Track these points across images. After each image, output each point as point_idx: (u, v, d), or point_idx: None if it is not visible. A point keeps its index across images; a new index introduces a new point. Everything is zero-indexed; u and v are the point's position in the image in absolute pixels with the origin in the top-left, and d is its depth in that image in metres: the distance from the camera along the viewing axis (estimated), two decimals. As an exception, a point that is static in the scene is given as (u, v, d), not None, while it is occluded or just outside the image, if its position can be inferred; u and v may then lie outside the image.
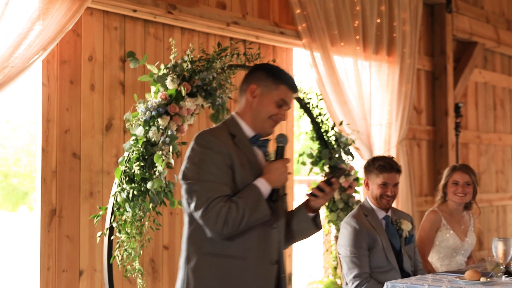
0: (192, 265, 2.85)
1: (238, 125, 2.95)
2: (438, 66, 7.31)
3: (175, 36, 4.96)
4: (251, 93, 2.94)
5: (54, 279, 4.34)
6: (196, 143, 2.84)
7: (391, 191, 4.24)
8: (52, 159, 4.37)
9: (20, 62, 3.94)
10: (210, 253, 2.83)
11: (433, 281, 3.80)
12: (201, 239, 2.83)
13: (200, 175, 2.78)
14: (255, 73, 2.97)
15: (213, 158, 2.78)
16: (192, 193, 2.79)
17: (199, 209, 2.75)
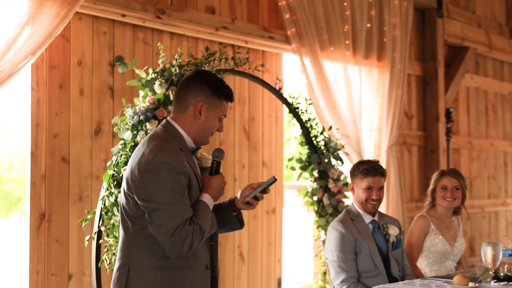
0: (142, 278, 2.84)
1: (182, 137, 2.98)
2: (429, 71, 7.33)
3: (164, 40, 4.97)
4: (198, 110, 2.95)
5: (43, 283, 4.34)
6: (162, 165, 2.79)
7: (376, 194, 4.25)
8: (41, 164, 4.37)
9: (9, 67, 3.94)
10: (159, 266, 2.85)
11: (421, 286, 3.81)
12: (151, 253, 2.85)
13: (164, 197, 2.78)
14: (201, 88, 2.96)
15: (175, 179, 2.79)
16: (156, 214, 2.77)
17: (164, 232, 2.76)
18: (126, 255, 2.89)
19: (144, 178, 2.80)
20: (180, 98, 2.98)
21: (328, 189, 5.39)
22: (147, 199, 2.78)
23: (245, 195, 3.07)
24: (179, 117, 2.98)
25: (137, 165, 2.84)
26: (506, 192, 8.57)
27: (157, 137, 2.92)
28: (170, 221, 2.76)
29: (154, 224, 2.77)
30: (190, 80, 2.99)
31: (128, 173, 2.89)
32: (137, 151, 2.92)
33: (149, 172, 2.79)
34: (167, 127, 2.98)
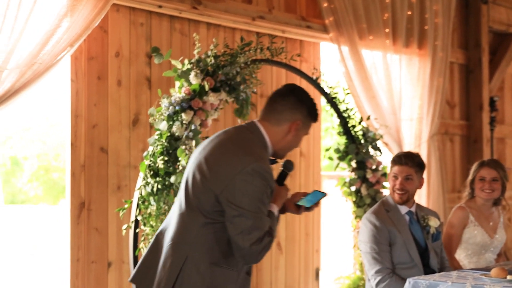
0: (200, 271, 2.85)
1: (267, 148, 2.96)
2: (472, 59, 7.19)
3: (200, 31, 4.99)
4: (294, 128, 2.94)
5: (83, 270, 4.42)
6: (257, 174, 2.79)
7: (400, 183, 4.21)
8: (81, 154, 4.45)
9: (48, 59, 4.01)
10: (216, 264, 2.86)
11: (458, 278, 3.75)
12: (211, 249, 2.86)
13: (252, 206, 2.78)
14: (301, 107, 2.95)
15: (265, 191, 2.81)
16: (241, 220, 2.78)
17: (246, 239, 2.78)
18: (187, 244, 2.86)
19: (236, 181, 2.78)
20: (276, 111, 2.95)
21: (366, 179, 5.36)
22: (235, 203, 2.78)
23: (295, 201, 3.08)
24: (270, 128, 2.95)
25: (228, 164, 2.82)
26: (553, 182, 8.37)
27: (252, 142, 2.91)
28: (254, 230, 2.78)
29: (236, 228, 2.78)
30: (289, 95, 2.96)
31: (212, 165, 2.85)
32: (222, 147, 2.89)
33: (242, 178, 2.78)
34: (257, 133, 2.95)
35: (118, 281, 4.55)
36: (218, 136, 2.98)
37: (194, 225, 2.87)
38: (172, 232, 2.91)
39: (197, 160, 2.92)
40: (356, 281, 5.41)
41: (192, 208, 2.87)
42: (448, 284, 3.64)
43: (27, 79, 3.93)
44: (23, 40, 3.89)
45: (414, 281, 3.73)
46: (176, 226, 2.91)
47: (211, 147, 2.92)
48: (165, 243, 2.93)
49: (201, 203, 2.85)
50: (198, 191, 2.86)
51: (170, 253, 2.88)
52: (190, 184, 2.89)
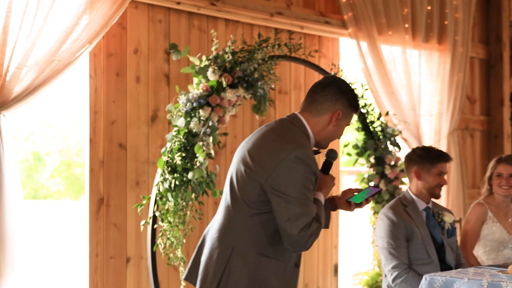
0: (247, 261, 2.86)
1: (310, 138, 2.98)
2: (493, 53, 7.13)
3: (219, 27, 5.00)
4: (335, 118, 2.97)
5: (102, 266, 4.46)
6: (300, 161, 2.81)
7: (445, 180, 4.25)
8: (100, 150, 4.48)
9: (67, 56, 4.05)
10: (262, 254, 2.87)
11: (474, 274, 3.73)
12: (258, 239, 2.87)
13: (298, 193, 2.80)
14: (342, 97, 2.97)
15: (309, 177, 2.82)
16: (288, 207, 2.79)
17: (294, 226, 2.78)
18: (233, 235, 2.88)
19: (280, 169, 2.81)
20: (317, 102, 2.97)
21: (384, 175, 5.34)
22: (280, 190, 2.80)
23: (347, 198, 3.10)
24: (311, 119, 2.97)
25: (271, 153, 2.85)
26: None
27: (294, 132, 2.93)
28: (301, 216, 2.79)
29: (284, 216, 2.79)
30: (330, 86, 2.98)
31: (256, 156, 2.88)
32: (264, 139, 2.92)
33: (286, 165, 2.81)
34: (299, 124, 2.97)
35: (136, 277, 4.59)
36: (260, 129, 3.01)
37: (239, 216, 2.89)
38: (218, 225, 2.94)
39: (241, 154, 2.95)
40: (375, 277, 5.40)
41: (237, 200, 2.90)
42: (464, 280, 3.62)
43: (46, 76, 3.96)
44: (42, 37, 3.93)
45: (430, 277, 3.71)
46: (222, 219, 2.94)
47: (254, 140, 2.95)
48: (211, 236, 2.96)
49: (246, 194, 2.87)
50: (243, 182, 2.88)
51: (216, 245, 2.91)
52: (235, 177, 2.92)
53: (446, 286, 3.66)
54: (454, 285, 3.64)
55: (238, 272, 2.85)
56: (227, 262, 2.87)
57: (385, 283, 4.22)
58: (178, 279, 4.70)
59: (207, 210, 4.89)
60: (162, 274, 4.60)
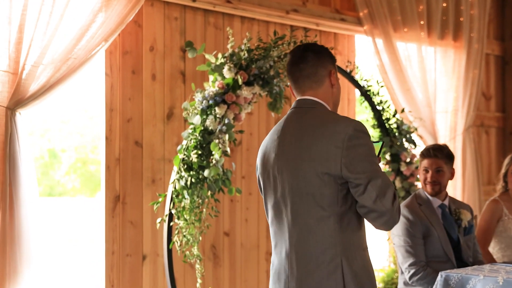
0: (357, 261, 2.68)
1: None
2: (509, 50, 7.09)
3: (234, 25, 5.01)
4: (333, 77, 2.82)
5: (118, 263, 4.48)
6: (360, 132, 2.64)
7: (431, 176, 4.20)
8: (116, 147, 4.50)
9: (82, 54, 4.06)
10: (364, 248, 2.73)
11: (490, 271, 3.73)
12: (357, 236, 2.70)
13: (374, 166, 2.64)
14: (324, 56, 2.82)
15: (372, 146, 2.68)
16: (372, 184, 2.60)
17: (385, 201, 2.61)
18: (334, 245, 2.65)
19: (350, 151, 2.60)
20: (311, 75, 2.79)
21: (400, 172, 5.33)
22: (357, 172, 2.60)
23: None
24: (317, 93, 2.80)
25: (329, 142, 2.62)
26: None
27: (324, 112, 2.75)
28: (386, 188, 2.62)
29: (371, 196, 2.60)
30: (307, 54, 2.80)
31: (315, 155, 2.65)
32: (307, 136, 2.68)
33: (351, 144, 2.61)
34: (318, 104, 2.78)
35: (152, 274, 4.61)
36: (286, 133, 2.77)
37: (329, 227, 2.66)
38: (306, 251, 2.69)
39: (290, 167, 2.71)
40: (390, 274, 5.39)
41: (317, 213, 2.66)
42: (480, 277, 3.61)
43: (62, 74, 3.98)
44: (58, 35, 3.94)
45: (446, 274, 3.71)
46: (306, 243, 2.69)
47: (297, 145, 2.71)
48: (305, 267, 2.69)
49: (326, 200, 2.65)
50: (316, 190, 2.65)
51: (322, 269, 2.66)
52: (306, 192, 2.67)
53: (462, 283, 3.66)
54: (469, 282, 3.64)
55: (358, 278, 2.66)
56: (342, 274, 2.65)
57: (401, 279, 4.22)
58: (194, 276, 4.72)
59: (223, 207, 4.91)
60: (178, 271, 4.62)
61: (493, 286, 3.56)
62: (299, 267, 2.70)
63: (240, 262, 5.03)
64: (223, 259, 4.94)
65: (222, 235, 4.95)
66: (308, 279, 2.68)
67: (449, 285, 3.68)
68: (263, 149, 2.87)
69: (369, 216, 2.66)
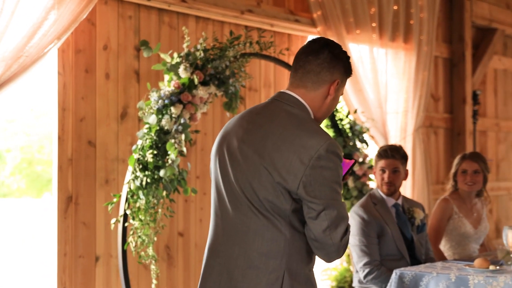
0: (300, 278, 2.45)
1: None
2: (456, 53, 7.25)
3: (189, 24, 4.99)
4: (334, 88, 2.54)
5: (71, 265, 4.41)
6: (333, 154, 2.39)
7: (388, 176, 4.27)
8: (68, 147, 4.43)
9: (35, 52, 3.99)
10: (309, 270, 2.51)
11: (442, 268, 3.82)
12: (303, 257, 2.47)
13: (335, 193, 2.41)
14: (339, 64, 2.54)
15: (341, 172, 2.44)
16: (327, 213, 2.38)
17: (335, 234, 2.41)
18: (280, 256, 2.44)
19: (315, 171, 2.37)
20: (312, 73, 2.51)
21: (353, 172, 5.40)
22: (318, 196, 2.37)
23: None
24: (307, 95, 2.52)
25: (298, 155, 2.39)
26: (534, 174, 8.49)
27: (304, 119, 2.48)
28: (340, 221, 2.41)
29: (322, 225, 2.38)
30: (323, 52, 2.52)
31: (276, 163, 2.41)
32: (277, 137, 2.44)
33: (318, 164, 2.37)
34: (301, 106, 2.52)
35: (105, 276, 4.56)
36: (257, 122, 2.52)
37: (281, 236, 2.45)
38: (249, 252, 2.47)
39: (252, 159, 2.47)
40: (343, 272, 5.46)
41: (271, 219, 2.45)
42: (433, 274, 3.69)
43: (13, 72, 3.90)
44: (9, 33, 3.86)
45: (400, 272, 3.78)
46: (251, 244, 2.47)
47: (263, 141, 2.47)
48: (243, 267, 2.49)
49: (279, 209, 2.44)
50: (272, 197, 2.44)
51: (261, 276, 2.46)
52: (257, 193, 2.46)
53: (415, 280, 3.74)
54: (423, 279, 3.72)
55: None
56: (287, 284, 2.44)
57: (356, 278, 4.28)
58: (147, 278, 4.68)
59: (177, 208, 4.88)
60: (131, 273, 4.58)
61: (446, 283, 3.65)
62: (237, 268, 2.48)
63: (195, 263, 5.01)
64: (177, 259, 4.92)
65: (176, 236, 4.92)
66: (244, 283, 2.47)
67: (403, 283, 3.75)
68: (225, 131, 2.62)
69: (313, 244, 2.44)
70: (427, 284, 3.70)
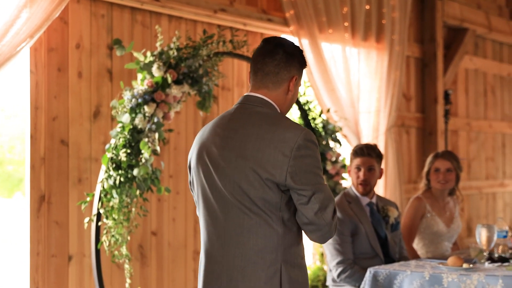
0: (296, 269, 2.63)
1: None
2: (428, 53, 7.32)
3: (162, 23, 4.98)
4: (293, 84, 2.70)
5: (43, 264, 4.38)
6: (310, 142, 2.55)
7: (364, 174, 4.30)
8: (41, 146, 4.40)
9: (7, 50, 3.96)
10: (302, 261, 2.67)
11: (416, 267, 3.86)
12: (295, 249, 2.63)
13: (319, 178, 2.57)
14: (294, 61, 2.69)
15: (319, 158, 2.61)
16: (316, 197, 2.53)
17: (326, 215, 2.56)
18: (275, 250, 2.58)
19: (298, 161, 2.51)
20: (271, 74, 2.66)
21: (326, 171, 5.42)
22: (305, 183, 2.52)
23: None
24: (271, 94, 2.67)
25: (277, 147, 2.53)
26: (504, 173, 8.61)
27: (277, 116, 2.63)
28: (328, 201, 2.56)
29: (313, 208, 2.54)
30: (278, 52, 2.67)
31: (261, 161, 2.54)
32: (255, 137, 2.58)
33: (299, 154, 2.51)
34: (268, 105, 2.67)
35: (78, 275, 4.53)
36: (231, 128, 2.65)
37: (272, 231, 2.59)
38: (243, 251, 2.60)
39: (234, 164, 2.60)
40: (316, 271, 5.48)
41: (261, 215, 2.57)
42: (407, 273, 3.73)
43: (-15, 70, 3.87)
44: (-19, 31, 3.83)
45: (374, 270, 3.81)
46: (245, 243, 2.60)
47: (239, 144, 2.60)
48: (239, 267, 2.61)
49: (270, 204, 2.57)
50: (261, 194, 2.56)
51: (259, 272, 2.59)
52: (244, 191, 2.58)
53: (390, 278, 3.77)
54: (397, 277, 3.75)
55: (296, 285, 2.61)
56: (280, 282, 2.59)
57: (330, 277, 4.30)
58: (120, 277, 4.67)
59: (150, 207, 4.87)
60: (104, 272, 4.55)
61: (420, 281, 3.68)
62: (235, 269, 2.61)
63: (168, 262, 5.00)
64: (150, 258, 4.91)
65: (150, 235, 4.91)
66: (244, 281, 2.59)
67: (377, 281, 3.78)
68: (201, 141, 2.72)
69: (307, 228, 2.60)
70: (401, 282, 3.74)
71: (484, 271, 3.68)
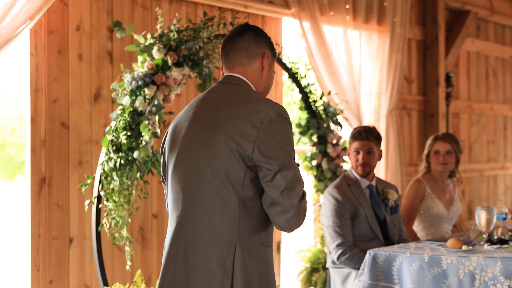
0: (253, 255, 2.51)
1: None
2: (429, 35, 7.30)
3: (163, 5, 4.96)
4: (266, 61, 2.68)
5: (44, 247, 4.40)
6: (282, 118, 2.51)
7: (363, 157, 4.30)
8: (41, 129, 4.40)
9: (7, 32, 3.94)
10: (265, 244, 2.55)
11: (416, 249, 3.86)
12: (258, 229, 2.52)
13: (289, 156, 2.48)
14: (263, 39, 2.70)
15: (291, 136, 2.54)
16: (283, 174, 2.44)
17: (292, 195, 2.46)
18: (230, 229, 2.49)
19: (268, 134, 2.46)
20: (242, 49, 2.66)
21: (327, 153, 5.43)
22: (269, 157, 2.43)
23: None
24: (246, 72, 2.67)
25: (248, 119, 2.48)
26: (505, 156, 8.60)
27: (251, 91, 2.63)
28: (298, 183, 2.47)
29: (279, 186, 2.44)
30: (246, 31, 2.69)
31: (230, 130, 2.50)
32: (228, 109, 2.54)
33: (269, 127, 2.47)
34: (245, 83, 2.66)
35: (79, 257, 4.55)
36: (206, 103, 2.63)
37: (231, 207, 2.50)
38: (203, 224, 2.52)
39: (204, 134, 2.55)
40: (317, 253, 5.50)
41: (224, 190, 2.50)
42: (406, 255, 3.74)
43: (-15, 53, 3.86)
44: (-19, 12, 3.82)
45: (374, 252, 3.82)
46: (206, 215, 2.52)
47: (211, 116, 2.57)
48: (198, 240, 2.53)
49: (234, 178, 2.49)
50: (226, 168, 2.49)
51: (214, 248, 2.51)
52: (218, 168, 2.51)
53: (389, 260, 3.78)
54: (396, 259, 3.76)
55: (248, 273, 2.50)
56: (233, 262, 2.50)
57: (329, 259, 4.31)
58: (121, 259, 4.68)
59: (151, 189, 4.88)
60: (105, 254, 4.57)
61: (419, 263, 3.69)
62: (189, 246, 2.52)
63: (169, 244, 5.01)
64: (151, 241, 4.93)
65: (151, 217, 4.93)
66: (195, 259, 2.51)
67: (377, 263, 3.80)
68: (177, 119, 2.72)
69: (272, 210, 2.48)
70: (400, 264, 3.75)
71: (483, 253, 3.69)
